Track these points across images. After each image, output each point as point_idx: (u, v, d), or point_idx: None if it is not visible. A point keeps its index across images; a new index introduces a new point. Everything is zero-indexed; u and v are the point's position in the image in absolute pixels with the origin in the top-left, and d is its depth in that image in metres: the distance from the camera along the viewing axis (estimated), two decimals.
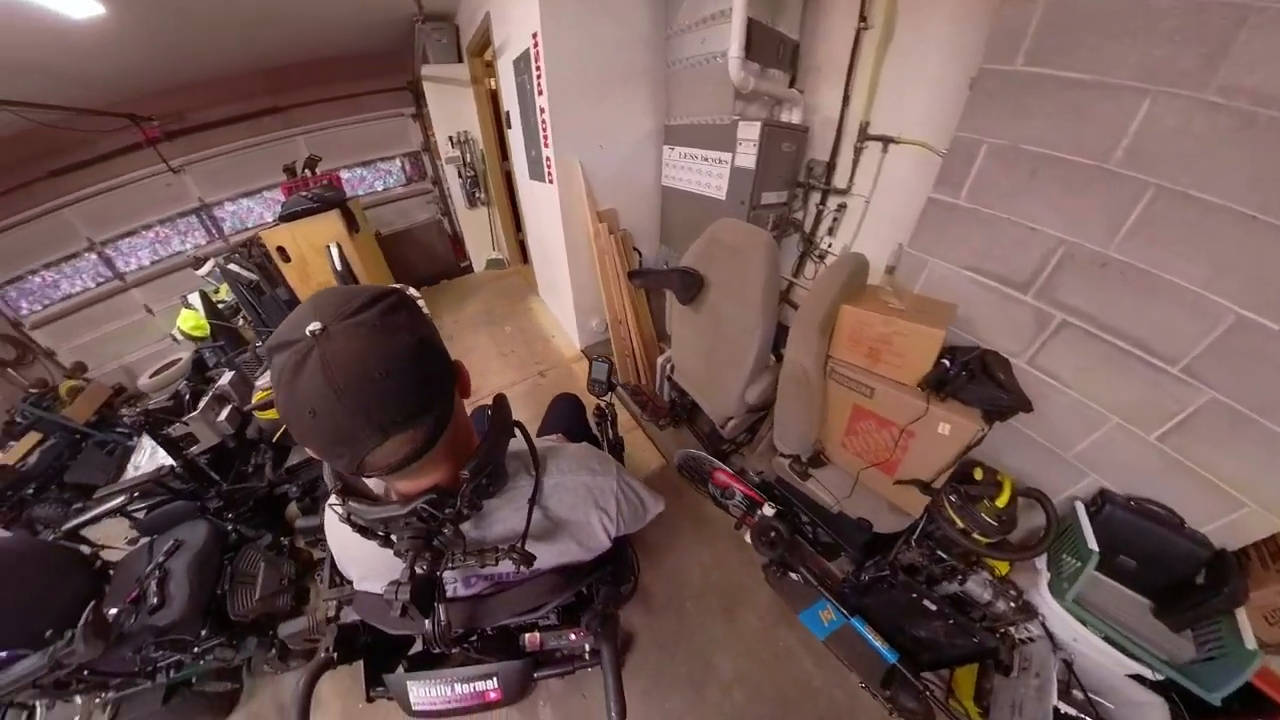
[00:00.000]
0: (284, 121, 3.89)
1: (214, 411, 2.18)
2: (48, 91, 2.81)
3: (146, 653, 1.58)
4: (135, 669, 1.61)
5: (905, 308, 1.14)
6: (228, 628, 1.76)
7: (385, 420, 0.46)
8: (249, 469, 2.24)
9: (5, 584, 1.54)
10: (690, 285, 1.70)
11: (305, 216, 2.93)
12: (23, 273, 4.00)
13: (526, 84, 2.25)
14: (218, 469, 2.11)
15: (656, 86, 2.29)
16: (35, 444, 3.22)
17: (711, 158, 2.08)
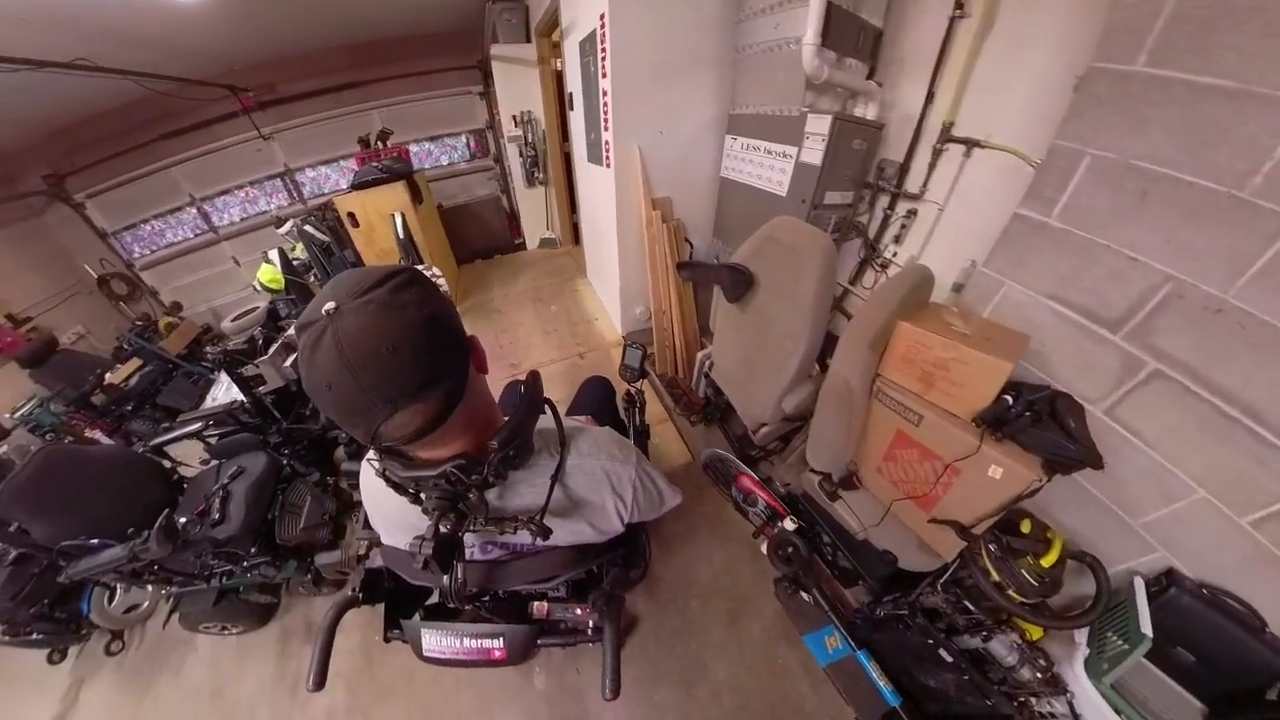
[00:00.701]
0: (361, 96, 4.09)
1: (281, 358, 2.31)
2: (162, 64, 3.09)
3: (205, 559, 1.83)
4: (194, 571, 1.86)
5: (970, 333, 1.04)
6: (273, 549, 1.97)
7: (394, 393, 0.47)
8: (306, 412, 2.40)
9: (103, 485, 1.85)
10: (739, 283, 1.65)
11: (374, 186, 3.08)
12: (136, 221, 4.50)
13: (591, 66, 2.23)
14: (280, 409, 2.28)
15: (723, 73, 2.20)
16: (136, 369, 3.65)
17: (775, 151, 1.99)
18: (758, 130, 2.10)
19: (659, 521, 2.01)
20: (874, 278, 2.08)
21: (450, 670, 1.71)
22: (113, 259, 4.68)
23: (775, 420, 1.63)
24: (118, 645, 2.18)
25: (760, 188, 2.14)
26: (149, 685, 2.05)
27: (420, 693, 1.81)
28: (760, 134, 2.08)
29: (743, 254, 1.67)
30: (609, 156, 2.35)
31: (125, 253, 4.66)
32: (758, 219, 1.96)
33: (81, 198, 4.31)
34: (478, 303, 3.93)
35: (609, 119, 2.21)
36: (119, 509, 1.83)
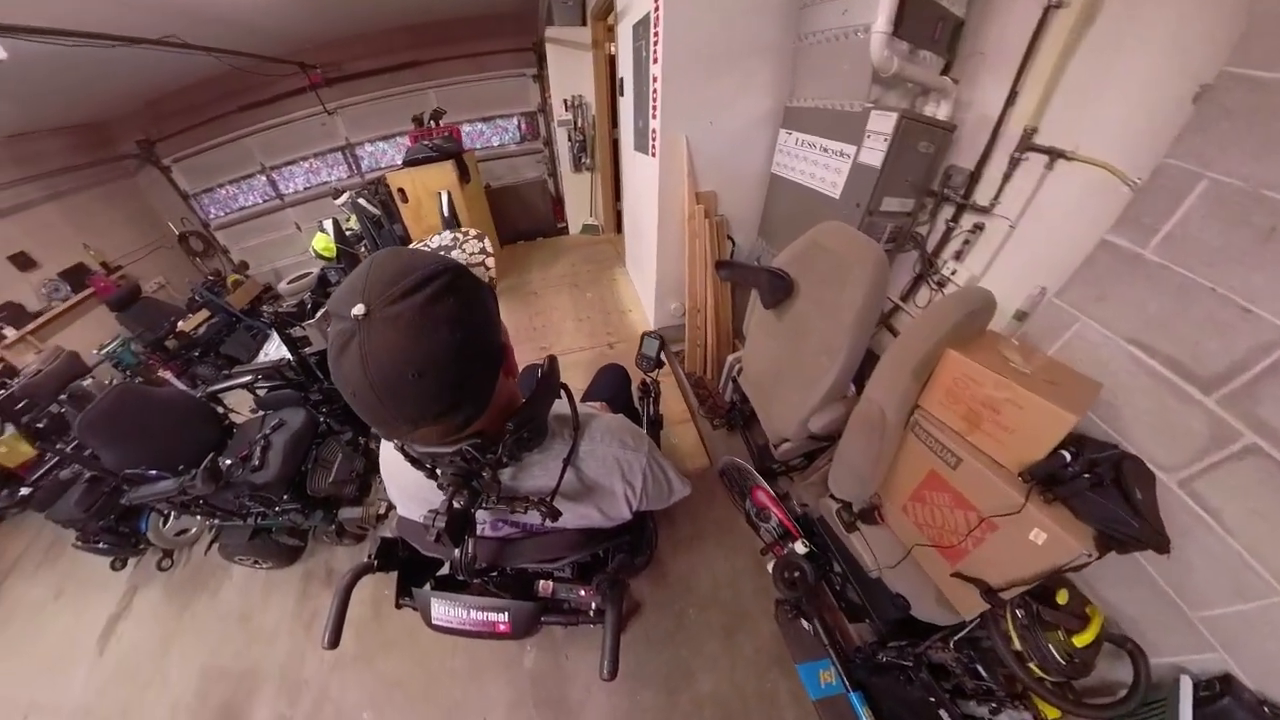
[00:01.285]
0: (419, 75, 4.19)
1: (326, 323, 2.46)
2: (241, 41, 3.26)
3: (242, 500, 2.01)
4: (233, 509, 2.05)
5: (1030, 372, 0.92)
6: (303, 499, 2.14)
7: (415, 415, 0.48)
8: None
9: (165, 423, 2.09)
10: (778, 289, 1.57)
11: (424, 164, 3.15)
12: (213, 185, 4.85)
13: (643, 51, 2.15)
14: (323, 369, 2.37)
15: (782, 63, 2.06)
16: (205, 320, 3.99)
17: (832, 149, 1.86)
18: (815, 125, 1.97)
19: (667, 523, 2.01)
20: (928, 296, 1.92)
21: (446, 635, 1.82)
22: (192, 219, 5.07)
23: (799, 438, 1.55)
24: (167, 562, 2.50)
25: (812, 188, 2.02)
26: (189, 601, 2.34)
27: (420, 649, 1.91)
28: (817, 130, 1.95)
29: (785, 258, 1.58)
30: (655, 145, 2.27)
31: (203, 213, 5.04)
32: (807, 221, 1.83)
33: (168, 162, 4.68)
34: (516, 284, 3.98)
35: (657, 106, 2.13)
36: (176, 446, 2.06)
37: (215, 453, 2.05)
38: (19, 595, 2.68)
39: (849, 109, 1.75)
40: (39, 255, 4.05)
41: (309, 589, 2.24)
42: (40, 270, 4.05)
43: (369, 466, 2.43)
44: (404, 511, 0.84)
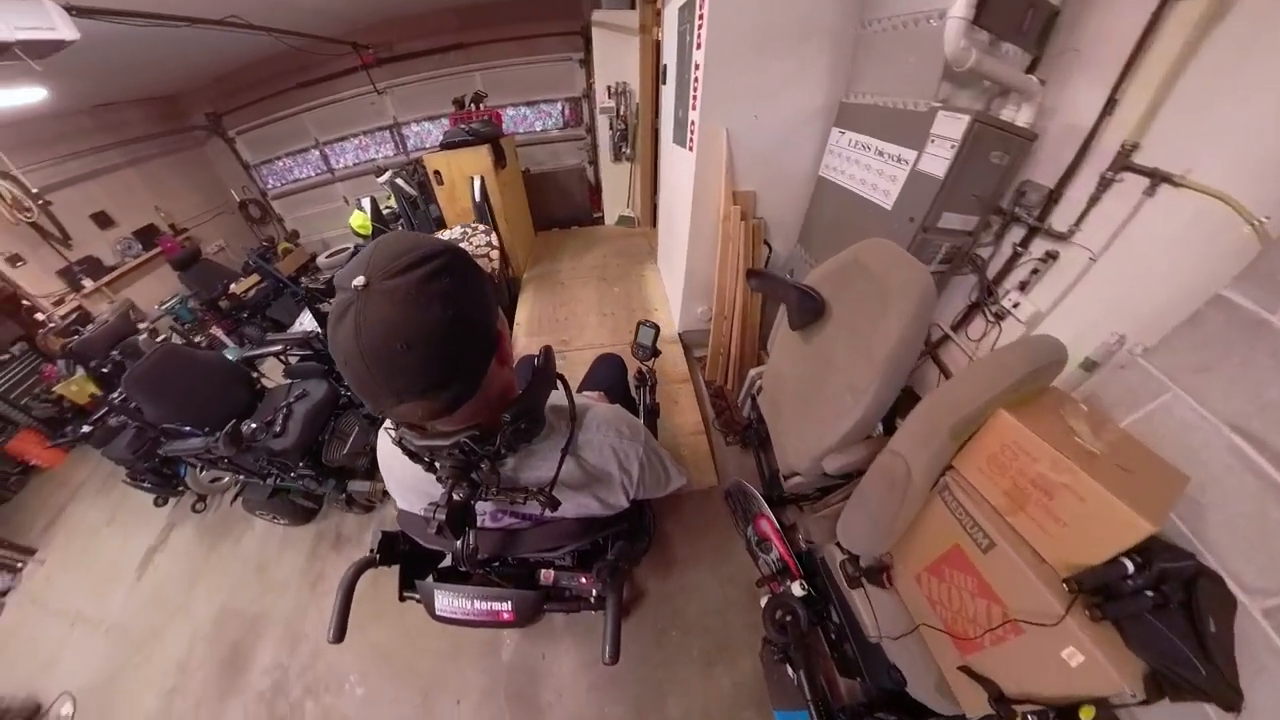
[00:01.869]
0: (466, 57, 4.19)
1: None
2: (298, 22, 3.35)
3: (262, 463, 2.14)
4: (255, 470, 2.18)
5: (1100, 451, 0.75)
6: (318, 467, 2.25)
7: (400, 388, 0.48)
8: None
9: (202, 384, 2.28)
10: (807, 309, 1.42)
11: (460, 147, 3.12)
12: (272, 157, 5.08)
13: (687, 35, 2.00)
14: None
15: (841, 52, 1.85)
16: (255, 283, 4.22)
17: (889, 153, 1.66)
18: (871, 125, 1.77)
19: (662, 543, 1.94)
20: (983, 328, 1.70)
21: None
22: (252, 188, 5.35)
23: (811, 475, 1.41)
24: (201, 506, 2.76)
25: (862, 195, 1.82)
26: (215, 544, 2.57)
27: (407, 624, 1.96)
28: (873, 130, 1.75)
29: (819, 276, 1.42)
30: (693, 138, 2.12)
31: (261, 183, 5.30)
32: (852, 232, 1.66)
33: (233, 133, 4.93)
34: (545, 271, 3.94)
35: (697, 96, 1.97)
36: (210, 406, 2.24)
37: (242, 417, 2.17)
38: (80, 517, 3.08)
39: (913, 108, 1.56)
40: (117, 215, 4.37)
41: (318, 549, 2.39)
42: (117, 229, 4.38)
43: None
44: (403, 505, 0.85)
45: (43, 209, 3.69)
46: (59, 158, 3.96)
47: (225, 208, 5.30)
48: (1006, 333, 1.63)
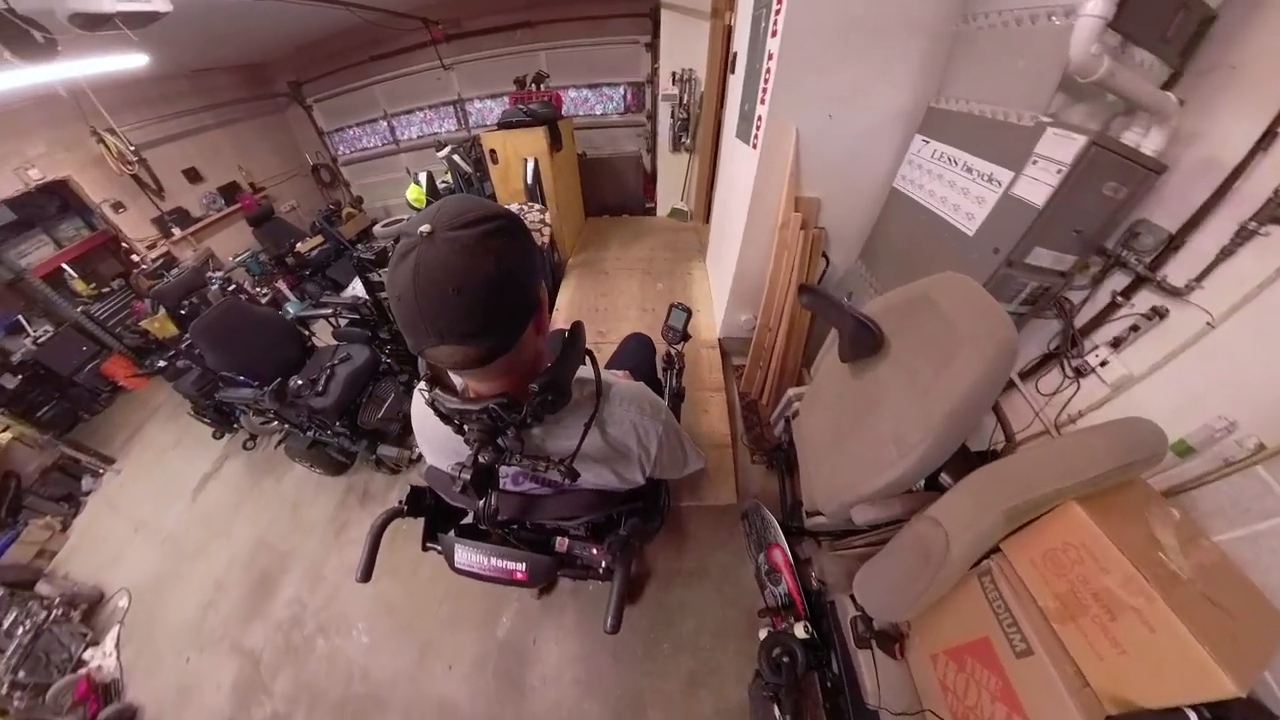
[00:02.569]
0: (532, 36, 4.14)
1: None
2: None
3: (303, 417, 2.32)
4: (296, 422, 2.38)
5: (1186, 573, 0.60)
6: (354, 427, 2.42)
7: (444, 329, 0.51)
8: None
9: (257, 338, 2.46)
10: (861, 342, 1.28)
11: (517, 128, 3.09)
12: (344, 126, 5.30)
13: (762, 21, 1.83)
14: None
15: (935, 49, 1.64)
16: (318, 244, 4.50)
17: (980, 170, 1.46)
18: (963, 136, 1.56)
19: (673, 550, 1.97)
20: (1058, 382, 1.47)
21: (443, 579, 2.03)
22: (324, 153, 5.61)
23: (835, 520, 1.29)
24: (251, 444, 3.03)
25: (940, 215, 1.62)
26: (259, 480, 2.83)
27: (414, 586, 2.09)
28: (964, 142, 1.54)
29: (882, 307, 1.28)
30: (758, 135, 1.96)
31: (333, 150, 5.55)
32: (923, 254, 1.48)
33: (311, 101, 5.18)
34: (590, 259, 3.89)
35: (767, 89, 1.80)
36: (263, 359, 2.42)
37: (290, 373, 2.36)
38: (153, 436, 3.52)
39: (1016, 121, 1.35)
40: (205, 172, 4.70)
41: (346, 501, 2.56)
42: (204, 184, 4.72)
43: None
44: (433, 462, 0.89)
45: (141, 163, 4.01)
46: (160, 117, 4.29)
47: (299, 170, 5.60)
48: (1085, 392, 1.40)
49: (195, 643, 2.16)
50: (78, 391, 3.91)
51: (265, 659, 2.02)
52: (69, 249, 4.08)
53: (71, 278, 3.94)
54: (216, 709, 1.95)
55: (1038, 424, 1.50)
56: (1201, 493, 0.77)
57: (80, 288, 3.99)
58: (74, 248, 4.09)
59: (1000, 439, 1.39)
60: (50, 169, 3.70)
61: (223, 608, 2.26)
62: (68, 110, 3.53)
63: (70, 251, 4.06)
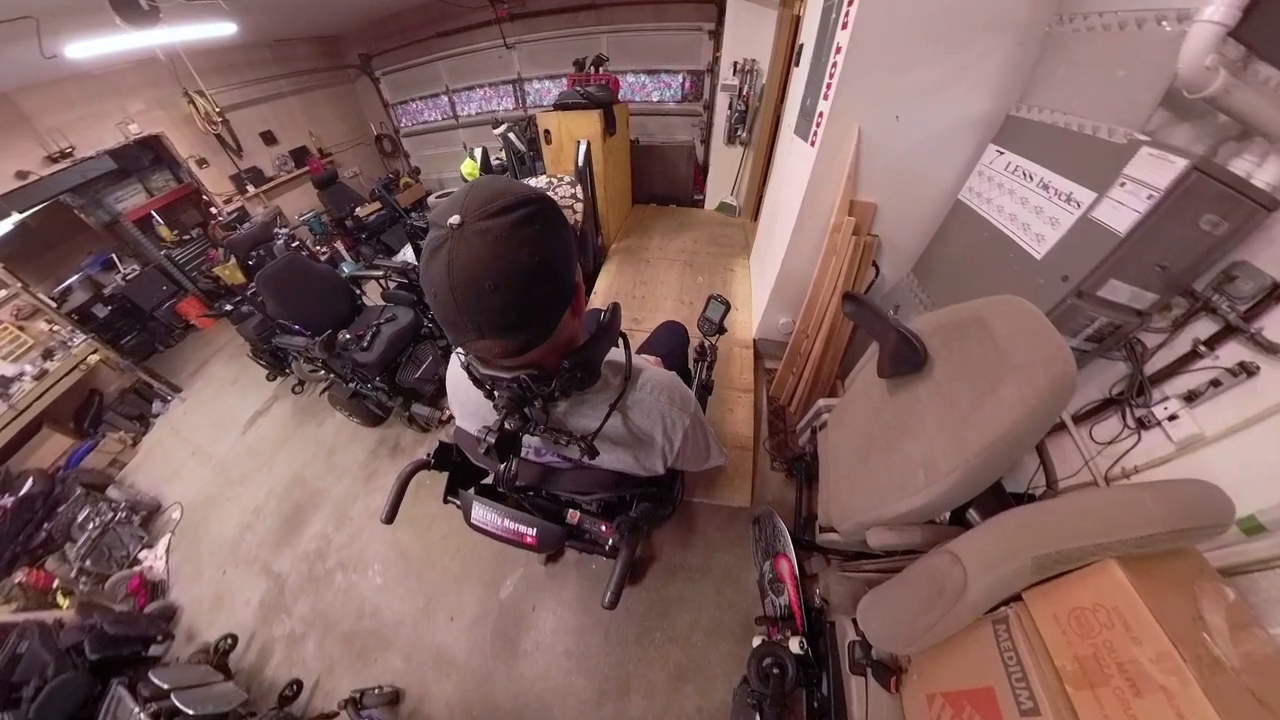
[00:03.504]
0: (595, 18, 4.11)
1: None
2: None
3: (347, 369, 2.48)
4: (340, 373, 2.54)
5: (1232, 662, 0.54)
6: (392, 384, 2.55)
7: (483, 325, 0.51)
8: None
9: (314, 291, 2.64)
10: (903, 360, 1.22)
11: (573, 109, 3.09)
12: (407, 99, 5.47)
13: (832, 12, 1.74)
14: None
15: (1021, 52, 1.51)
16: (376, 209, 4.74)
17: (1058, 189, 1.35)
18: (1043, 149, 1.44)
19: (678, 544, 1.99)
20: (1116, 430, 1.32)
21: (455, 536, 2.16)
22: (388, 124, 5.82)
23: (849, 539, 1.25)
24: (299, 389, 3.29)
25: (1007, 233, 1.52)
26: (303, 422, 3.08)
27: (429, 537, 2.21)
28: (1044, 156, 1.43)
29: (930, 324, 1.21)
30: (817, 132, 1.88)
31: (396, 121, 5.75)
32: (982, 274, 1.40)
33: (379, 74, 5.38)
34: (633, 246, 3.88)
35: (832, 84, 1.72)
36: (318, 311, 2.61)
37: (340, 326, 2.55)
38: (216, 371, 3.90)
39: (1106, 137, 1.24)
40: (279, 135, 4.98)
41: (378, 451, 2.74)
42: (278, 147, 5.00)
43: None
44: (461, 423, 0.91)
45: (224, 124, 4.29)
46: (243, 82, 4.57)
47: (364, 139, 5.85)
48: (1145, 447, 1.25)
49: (232, 559, 2.40)
50: (156, 325, 4.34)
51: (290, 583, 2.22)
52: (158, 198, 4.46)
53: (158, 224, 4.31)
54: (243, 619, 2.17)
55: (1086, 473, 1.38)
56: (1265, 577, 0.69)
57: (165, 233, 4.37)
58: (162, 197, 4.46)
59: (1041, 483, 1.29)
60: (147, 125, 4.03)
61: (259, 531, 2.48)
62: (164, 73, 3.82)
63: (159, 200, 4.43)
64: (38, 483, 2.81)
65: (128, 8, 2.47)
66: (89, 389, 3.59)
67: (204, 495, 2.79)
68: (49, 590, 2.39)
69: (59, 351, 3.31)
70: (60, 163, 3.58)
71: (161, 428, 3.48)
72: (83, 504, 2.72)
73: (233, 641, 2.08)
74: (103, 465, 3.16)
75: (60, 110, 3.50)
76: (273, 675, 1.99)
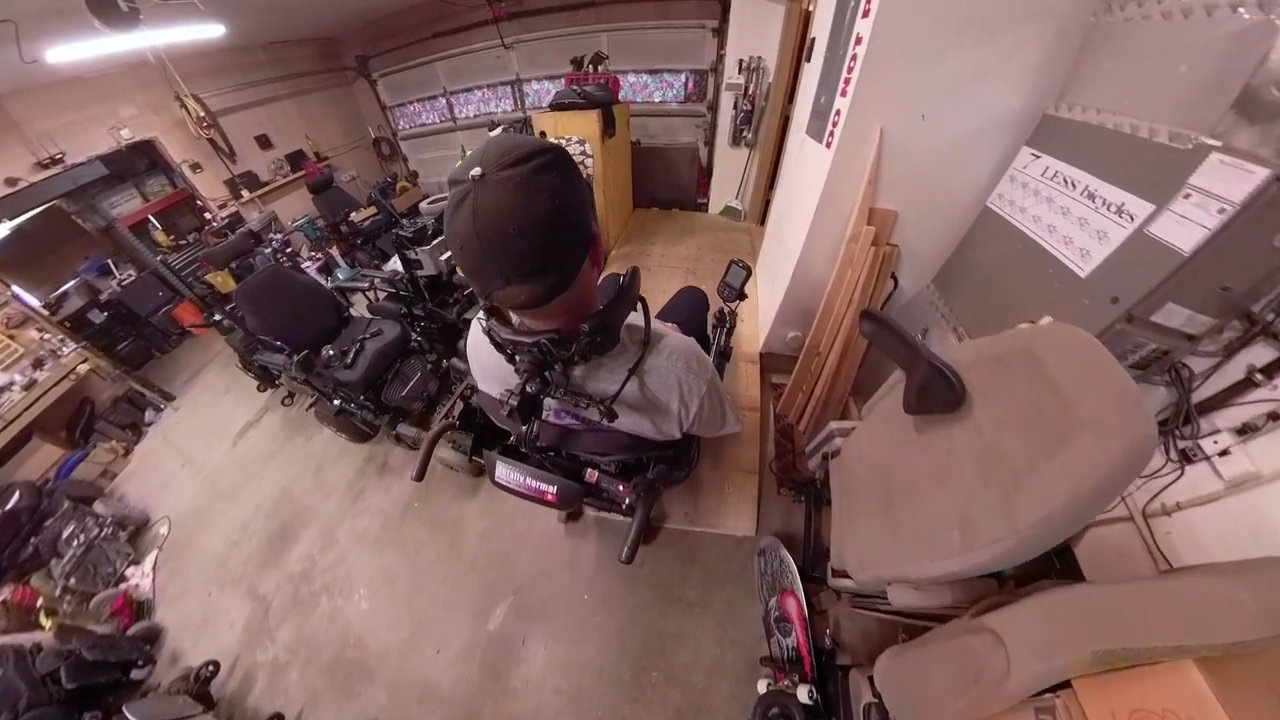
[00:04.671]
0: (595, 16, 3.99)
1: (439, 251, 2.57)
2: None
3: (330, 387, 2.40)
4: (323, 390, 2.44)
5: None
6: (377, 402, 2.46)
7: (509, 270, 0.53)
8: (451, 300, 2.75)
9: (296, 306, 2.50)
10: (932, 396, 1.08)
11: (570, 110, 2.97)
12: (405, 101, 5.39)
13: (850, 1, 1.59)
14: (431, 290, 2.66)
15: (1062, 43, 1.35)
16: (371, 214, 4.61)
17: (1106, 199, 1.20)
18: (1087, 153, 1.29)
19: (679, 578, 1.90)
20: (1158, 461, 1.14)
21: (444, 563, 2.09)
22: (386, 127, 5.73)
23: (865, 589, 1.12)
24: (289, 401, 3.18)
25: (1046, 247, 1.37)
26: (292, 435, 2.98)
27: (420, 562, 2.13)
28: (1089, 162, 1.28)
29: (967, 354, 1.08)
30: (834, 133, 1.72)
31: (394, 124, 5.66)
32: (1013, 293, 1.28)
33: (376, 76, 5.29)
34: (634, 252, 3.76)
35: (851, 80, 1.56)
36: (301, 325, 2.50)
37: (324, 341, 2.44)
38: (209, 380, 3.84)
39: (1166, 141, 1.08)
40: (275, 139, 4.90)
41: (366, 469, 2.63)
42: (273, 150, 4.92)
43: (440, 391, 2.67)
44: (485, 388, 0.91)
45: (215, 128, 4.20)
46: (237, 85, 4.49)
47: (362, 142, 5.76)
48: (1189, 481, 1.10)
49: (218, 578, 2.33)
50: (152, 331, 4.30)
51: (274, 606, 2.15)
52: (153, 203, 4.39)
53: (155, 229, 4.24)
54: (227, 643, 2.09)
55: (1121, 506, 1.24)
56: None
57: (161, 239, 4.31)
58: (157, 202, 4.40)
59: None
60: (140, 129, 3.95)
61: (245, 549, 2.41)
62: (156, 76, 3.74)
63: (154, 206, 4.37)
64: (25, 496, 2.74)
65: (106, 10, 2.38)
66: (81, 397, 3.54)
67: (193, 508, 2.73)
68: (33, 609, 2.33)
69: (49, 361, 3.26)
70: (51, 169, 3.51)
71: (154, 437, 3.43)
72: (69, 519, 2.64)
73: (214, 668, 1.99)
74: (93, 476, 3.10)
75: (50, 115, 3.43)
76: (255, 705, 1.91)
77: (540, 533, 2.09)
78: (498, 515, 2.16)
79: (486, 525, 2.15)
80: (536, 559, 2.02)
